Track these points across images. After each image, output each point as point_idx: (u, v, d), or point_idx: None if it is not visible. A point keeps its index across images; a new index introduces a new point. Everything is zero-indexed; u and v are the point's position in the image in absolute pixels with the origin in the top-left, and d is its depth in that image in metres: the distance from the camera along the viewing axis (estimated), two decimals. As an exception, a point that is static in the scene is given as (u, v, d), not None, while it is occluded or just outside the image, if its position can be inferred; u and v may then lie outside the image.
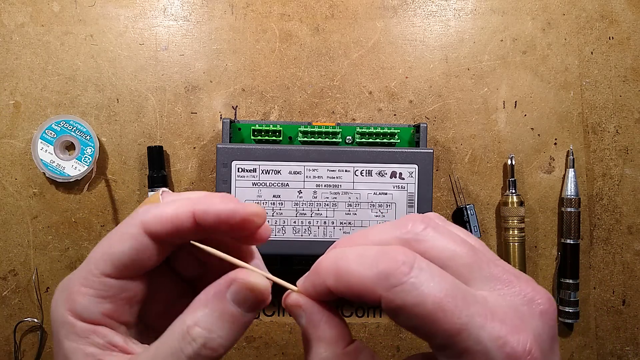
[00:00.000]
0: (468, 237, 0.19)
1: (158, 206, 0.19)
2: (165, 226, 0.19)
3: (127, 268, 0.19)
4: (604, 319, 0.47)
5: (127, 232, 0.19)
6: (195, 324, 0.18)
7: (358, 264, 0.17)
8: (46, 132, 0.44)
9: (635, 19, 0.47)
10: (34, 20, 0.45)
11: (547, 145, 0.47)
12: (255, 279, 0.18)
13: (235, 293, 0.18)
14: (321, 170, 0.40)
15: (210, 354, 0.17)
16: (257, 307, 0.19)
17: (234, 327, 0.18)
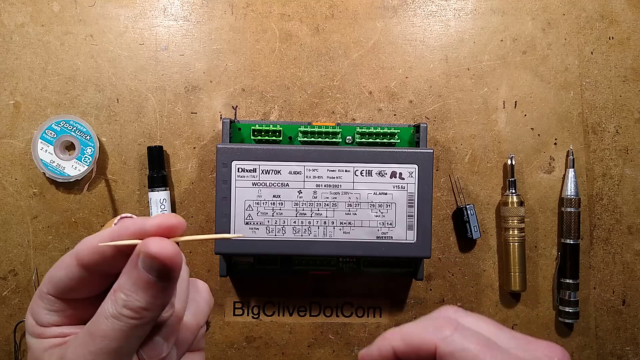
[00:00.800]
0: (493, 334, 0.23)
1: (92, 235, 0.22)
2: (91, 255, 0.21)
3: (66, 292, 0.22)
4: (604, 319, 0.47)
5: (64, 261, 0.22)
6: (118, 288, 0.20)
7: (418, 327, 0.22)
8: (46, 132, 0.44)
9: (635, 19, 0.47)
10: (34, 20, 0.45)
11: (547, 145, 0.47)
12: (154, 247, 0.20)
13: (142, 261, 0.20)
14: (321, 170, 0.40)
15: (131, 314, 0.20)
16: (167, 274, 0.20)
17: (150, 292, 0.20)
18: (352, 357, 0.47)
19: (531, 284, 0.47)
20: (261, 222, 0.39)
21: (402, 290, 0.47)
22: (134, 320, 0.20)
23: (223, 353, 0.46)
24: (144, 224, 0.20)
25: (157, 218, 0.21)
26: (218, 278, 0.46)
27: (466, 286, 0.47)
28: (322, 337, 0.47)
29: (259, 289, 0.47)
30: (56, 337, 0.22)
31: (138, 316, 0.20)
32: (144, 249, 0.20)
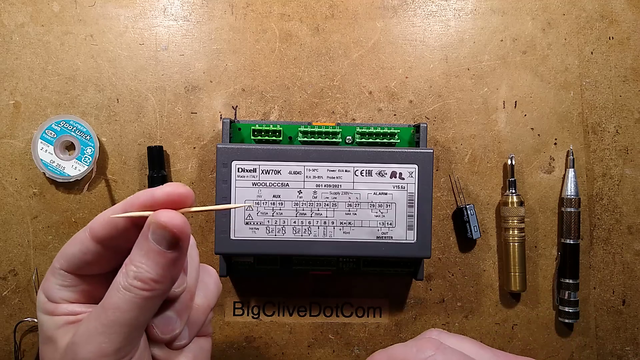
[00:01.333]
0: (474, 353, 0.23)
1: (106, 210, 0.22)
2: (105, 229, 0.22)
3: (79, 267, 0.22)
4: (604, 319, 0.47)
5: (78, 236, 0.22)
6: (130, 261, 0.21)
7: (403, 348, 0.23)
8: (46, 132, 0.44)
9: (635, 19, 0.47)
10: (34, 20, 0.45)
11: (547, 145, 0.47)
12: (163, 217, 0.20)
13: (152, 233, 0.21)
14: (321, 170, 0.40)
15: (142, 285, 0.20)
16: (176, 244, 0.21)
17: (159, 263, 0.21)
18: (352, 357, 0.47)
19: (531, 284, 0.47)
20: (261, 222, 0.39)
21: (402, 290, 0.47)
22: (145, 292, 0.20)
23: (223, 353, 0.46)
24: (153, 192, 0.21)
25: (167, 187, 0.21)
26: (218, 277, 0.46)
27: (466, 286, 0.47)
28: (322, 337, 0.47)
29: (259, 289, 0.47)
30: (68, 314, 0.22)
31: (149, 287, 0.20)
32: (154, 220, 0.20)
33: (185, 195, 0.21)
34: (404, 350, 0.22)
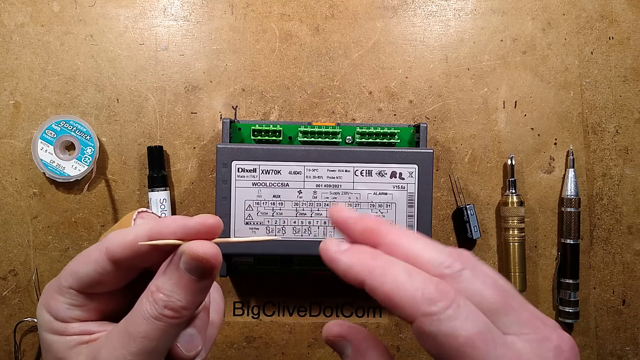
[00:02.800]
0: (501, 281, 0.20)
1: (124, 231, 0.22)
2: (125, 252, 0.21)
3: (91, 287, 0.22)
4: (604, 319, 0.47)
5: (91, 256, 0.21)
6: (157, 289, 0.20)
7: (407, 280, 0.19)
8: (46, 132, 0.44)
9: (635, 19, 0.47)
10: (34, 20, 0.45)
11: (547, 145, 0.47)
12: (200, 249, 0.20)
13: (185, 263, 0.20)
14: (321, 170, 0.40)
15: (172, 314, 0.20)
16: (208, 273, 0.21)
17: (190, 291, 0.21)
18: (352, 357, 0.47)
19: (531, 284, 0.47)
20: (261, 222, 0.39)
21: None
22: (174, 320, 0.20)
23: (223, 353, 0.46)
24: (186, 223, 0.21)
25: (199, 218, 0.21)
26: (218, 278, 0.46)
27: (466, 286, 0.47)
28: (322, 337, 0.47)
29: (259, 289, 0.47)
30: (81, 334, 0.22)
31: (178, 315, 0.20)
32: (189, 251, 0.20)
33: (215, 226, 0.21)
34: (433, 256, 0.19)
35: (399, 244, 0.21)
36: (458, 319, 0.18)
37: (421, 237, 0.21)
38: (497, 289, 0.19)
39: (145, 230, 0.21)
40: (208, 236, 0.21)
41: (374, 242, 0.22)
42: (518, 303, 0.20)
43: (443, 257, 0.20)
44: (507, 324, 0.19)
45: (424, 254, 0.20)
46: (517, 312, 0.19)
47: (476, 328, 0.18)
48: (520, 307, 0.20)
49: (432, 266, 0.20)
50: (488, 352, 0.17)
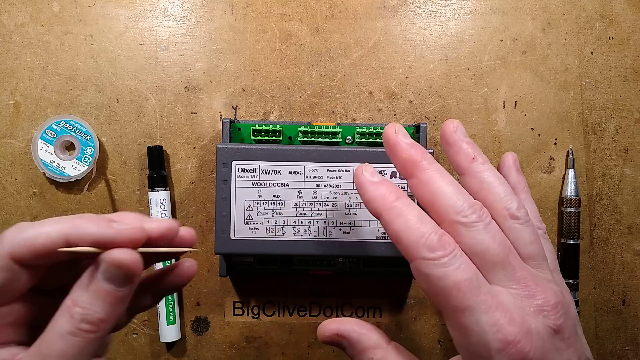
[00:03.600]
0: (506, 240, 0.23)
1: (25, 230, 0.19)
2: (36, 254, 0.19)
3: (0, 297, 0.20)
4: (604, 319, 0.47)
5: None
6: (74, 303, 0.19)
7: (416, 225, 0.21)
8: (46, 132, 0.44)
9: (635, 19, 0.47)
10: (34, 20, 0.45)
11: (547, 145, 0.47)
12: (120, 256, 0.19)
13: (104, 272, 0.19)
14: (321, 170, 0.40)
15: (91, 328, 0.19)
16: (129, 282, 0.20)
17: (109, 302, 0.19)
18: (352, 357, 0.47)
19: (531, 284, 0.47)
20: (261, 222, 0.39)
21: (402, 290, 0.47)
22: (92, 334, 0.19)
23: (223, 353, 0.46)
24: (106, 232, 0.19)
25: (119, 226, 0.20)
26: (218, 278, 0.46)
27: (466, 286, 0.47)
28: (322, 337, 0.47)
29: (259, 289, 0.47)
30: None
31: (97, 329, 0.19)
32: (109, 258, 0.19)
33: (135, 236, 0.20)
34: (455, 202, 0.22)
35: (430, 182, 0.23)
36: (450, 266, 0.20)
37: (453, 183, 0.23)
38: (502, 245, 0.22)
39: (60, 233, 0.19)
40: (132, 244, 0.20)
41: (410, 172, 0.25)
42: (517, 262, 0.22)
43: (464, 206, 0.22)
44: (500, 277, 0.21)
45: (447, 198, 0.23)
46: (513, 269, 0.22)
47: (464, 276, 0.20)
48: (517, 265, 0.22)
49: (451, 211, 0.22)
50: (470, 296, 0.20)
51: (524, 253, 0.23)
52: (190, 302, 0.46)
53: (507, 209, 0.23)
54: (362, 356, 0.24)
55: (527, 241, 0.23)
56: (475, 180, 0.24)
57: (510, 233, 0.23)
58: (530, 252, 0.23)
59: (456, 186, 0.23)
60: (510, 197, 0.24)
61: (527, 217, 0.23)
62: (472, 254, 0.21)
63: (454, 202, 0.22)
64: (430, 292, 0.21)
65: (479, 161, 0.25)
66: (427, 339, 0.47)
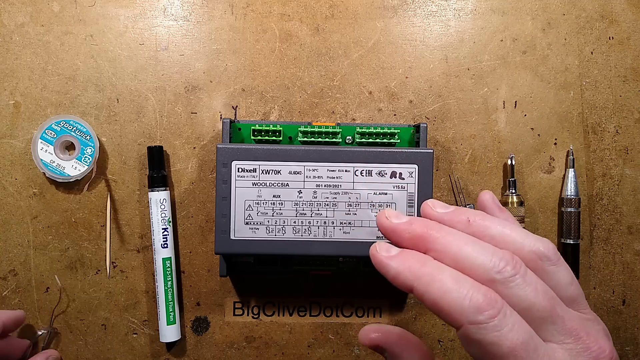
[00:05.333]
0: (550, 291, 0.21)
1: None
2: None
3: None
4: (604, 319, 0.47)
5: None
6: None
7: (454, 287, 0.19)
8: (46, 132, 0.44)
9: (635, 19, 0.47)
10: (34, 20, 0.45)
11: (547, 145, 0.47)
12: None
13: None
14: (321, 170, 0.40)
15: None
16: None
17: None
18: (352, 357, 0.47)
19: (531, 284, 0.47)
20: (261, 222, 0.39)
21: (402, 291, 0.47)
22: None
23: (223, 353, 0.46)
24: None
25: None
26: (218, 278, 0.46)
27: (466, 286, 0.47)
28: (322, 337, 0.47)
29: (259, 289, 0.47)
30: None
31: None
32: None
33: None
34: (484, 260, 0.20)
35: (449, 249, 0.21)
36: (503, 328, 0.18)
37: (471, 240, 0.21)
38: (546, 297, 0.20)
39: None
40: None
41: (424, 248, 0.22)
42: (564, 311, 0.20)
43: (495, 261, 0.20)
44: (552, 332, 0.20)
45: (473, 258, 0.20)
46: (563, 321, 0.20)
47: (520, 339, 0.18)
48: (565, 316, 0.20)
49: (482, 271, 0.20)
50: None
51: (565, 297, 0.21)
52: (190, 302, 0.46)
53: (534, 251, 0.21)
54: None
55: (565, 282, 0.21)
56: (486, 239, 0.22)
57: (546, 278, 0.21)
58: (571, 295, 0.21)
59: (476, 242, 0.21)
60: (528, 238, 0.22)
61: (557, 253, 0.21)
62: (519, 312, 0.19)
63: (482, 260, 0.20)
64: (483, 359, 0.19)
65: (477, 220, 0.23)
66: (427, 339, 0.47)
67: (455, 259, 0.20)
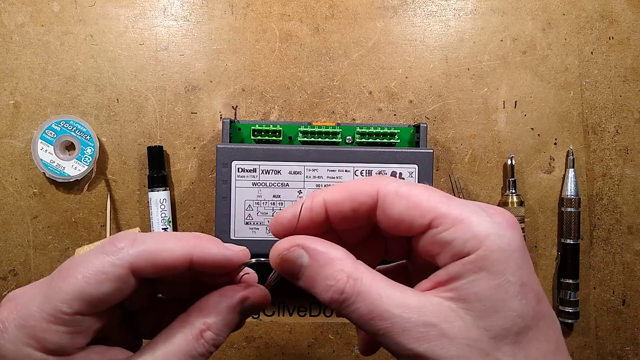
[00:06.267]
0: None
1: (146, 242, 0.19)
2: (159, 270, 0.19)
3: (105, 305, 0.19)
4: (604, 319, 0.47)
5: (112, 272, 0.19)
6: (208, 328, 0.20)
7: (355, 180, 0.21)
8: (46, 132, 0.44)
9: (635, 19, 0.47)
10: (34, 20, 0.45)
11: (547, 145, 0.47)
12: (263, 299, 0.22)
13: (247, 308, 0.21)
14: (321, 170, 0.40)
15: (214, 350, 0.21)
16: (252, 315, 0.21)
17: (232, 329, 0.21)
18: (352, 357, 0.47)
19: (531, 284, 0.47)
20: (261, 222, 0.39)
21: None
22: (210, 355, 0.21)
23: (223, 353, 0.46)
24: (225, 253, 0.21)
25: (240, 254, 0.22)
26: (218, 278, 0.46)
27: (466, 286, 0.47)
28: (322, 337, 0.47)
29: (259, 289, 0.47)
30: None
31: (216, 350, 0.21)
32: (254, 299, 0.22)
33: (246, 258, 0.22)
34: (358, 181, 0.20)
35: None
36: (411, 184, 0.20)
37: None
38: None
39: (183, 251, 0.20)
40: (240, 264, 0.22)
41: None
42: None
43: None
44: None
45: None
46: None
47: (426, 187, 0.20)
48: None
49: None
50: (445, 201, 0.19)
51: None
52: (190, 302, 0.46)
53: None
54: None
55: None
56: None
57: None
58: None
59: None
60: None
61: None
62: None
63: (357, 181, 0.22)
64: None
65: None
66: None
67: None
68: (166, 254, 0.19)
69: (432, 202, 0.18)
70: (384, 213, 0.19)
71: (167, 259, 0.19)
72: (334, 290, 0.18)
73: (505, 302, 0.17)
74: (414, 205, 0.19)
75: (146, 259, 0.19)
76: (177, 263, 0.19)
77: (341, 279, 0.18)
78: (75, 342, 0.19)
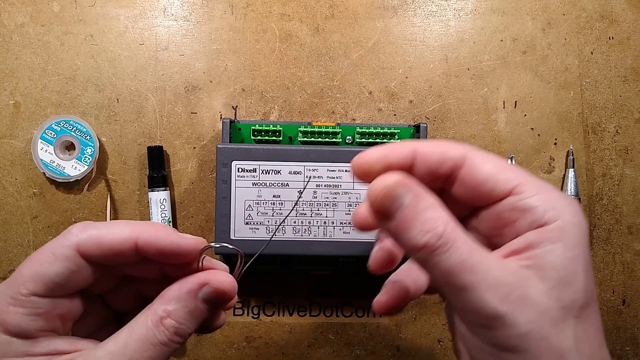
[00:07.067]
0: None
1: (95, 227, 0.20)
2: (103, 251, 0.20)
3: (60, 288, 0.20)
4: (604, 319, 0.47)
5: (60, 253, 0.20)
6: (168, 315, 0.20)
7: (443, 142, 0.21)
8: (46, 132, 0.44)
9: (635, 19, 0.47)
10: (34, 20, 0.45)
11: (547, 145, 0.47)
12: (225, 284, 0.21)
13: (207, 294, 0.21)
14: (321, 170, 0.40)
15: (179, 339, 0.21)
16: (222, 306, 0.22)
17: (200, 319, 0.21)
18: (352, 357, 0.47)
19: (531, 284, 0.47)
20: (261, 222, 0.39)
21: (402, 290, 0.47)
22: (179, 345, 0.21)
23: (223, 353, 0.46)
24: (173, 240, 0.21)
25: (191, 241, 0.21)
26: (218, 278, 0.46)
27: (466, 286, 0.47)
28: (322, 337, 0.47)
29: (259, 289, 0.47)
30: (49, 354, 0.20)
31: (183, 341, 0.21)
32: (216, 285, 0.21)
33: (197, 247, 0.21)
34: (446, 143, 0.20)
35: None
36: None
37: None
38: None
39: (128, 235, 0.20)
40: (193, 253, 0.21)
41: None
42: None
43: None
44: None
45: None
46: None
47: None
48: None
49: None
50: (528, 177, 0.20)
51: None
52: (190, 302, 0.46)
53: None
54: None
55: None
56: None
57: None
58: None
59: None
60: None
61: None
62: None
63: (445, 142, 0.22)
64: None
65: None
66: (427, 339, 0.47)
67: None
68: (110, 236, 0.20)
69: (517, 171, 0.19)
70: (469, 174, 0.19)
71: (111, 240, 0.20)
72: (433, 233, 0.17)
73: (576, 276, 0.18)
74: (501, 169, 0.19)
75: (92, 241, 0.20)
76: (122, 245, 0.20)
77: (441, 224, 0.18)
78: (35, 325, 0.20)
